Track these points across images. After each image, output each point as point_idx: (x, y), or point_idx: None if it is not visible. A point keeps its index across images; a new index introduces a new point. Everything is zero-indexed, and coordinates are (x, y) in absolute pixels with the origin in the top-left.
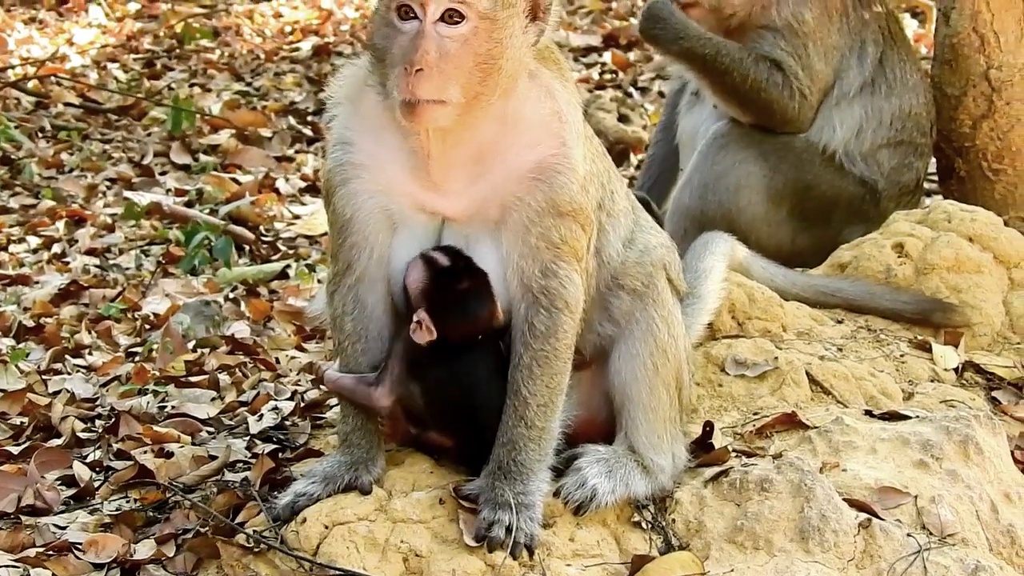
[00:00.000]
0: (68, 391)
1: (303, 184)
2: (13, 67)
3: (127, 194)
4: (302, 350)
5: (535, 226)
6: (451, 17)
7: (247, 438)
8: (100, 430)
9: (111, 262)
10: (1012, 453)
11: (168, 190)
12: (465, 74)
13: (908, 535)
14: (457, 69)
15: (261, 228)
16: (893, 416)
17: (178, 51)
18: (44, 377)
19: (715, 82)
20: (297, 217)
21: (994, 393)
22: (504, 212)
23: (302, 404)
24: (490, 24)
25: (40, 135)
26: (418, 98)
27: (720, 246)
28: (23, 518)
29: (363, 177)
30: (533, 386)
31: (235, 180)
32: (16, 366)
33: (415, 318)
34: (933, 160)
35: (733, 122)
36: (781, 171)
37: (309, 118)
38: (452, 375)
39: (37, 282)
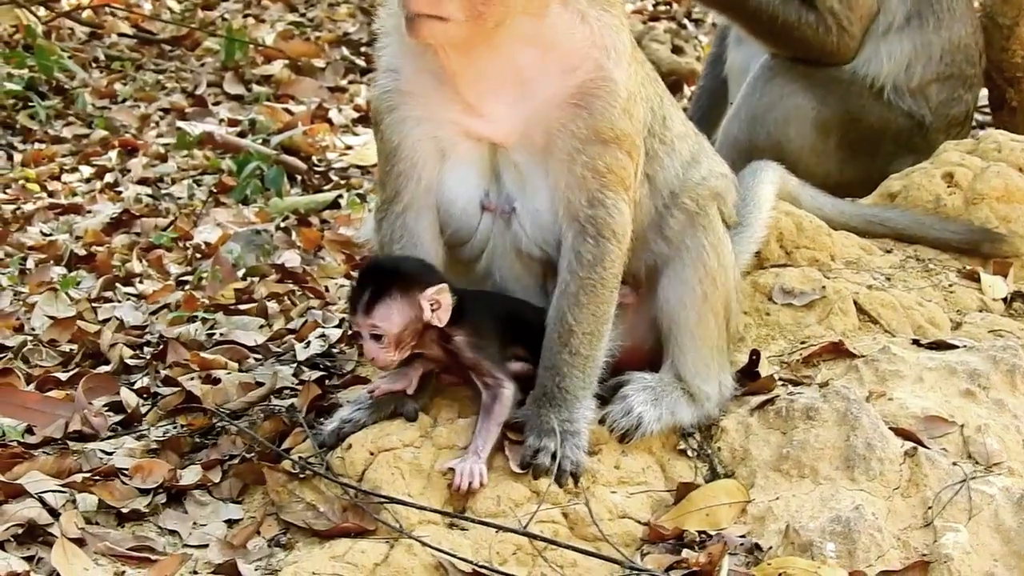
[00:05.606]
0: (117, 319)
1: (356, 115)
2: None
3: (180, 124)
4: (351, 279)
5: (580, 154)
6: None
7: (294, 365)
8: (148, 357)
9: (163, 192)
10: None
11: (221, 120)
12: None
13: (954, 464)
14: None
15: (313, 158)
16: (940, 345)
17: None
18: (94, 305)
19: (747, 24)
20: (349, 148)
21: None
22: (549, 139)
23: (349, 332)
24: None
25: (94, 65)
26: (415, 12)
27: (769, 174)
28: (70, 444)
29: (409, 104)
30: (579, 314)
31: (287, 110)
32: (67, 294)
33: (425, 303)
34: (983, 91)
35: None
36: (828, 103)
37: (362, 49)
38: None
39: (89, 211)
